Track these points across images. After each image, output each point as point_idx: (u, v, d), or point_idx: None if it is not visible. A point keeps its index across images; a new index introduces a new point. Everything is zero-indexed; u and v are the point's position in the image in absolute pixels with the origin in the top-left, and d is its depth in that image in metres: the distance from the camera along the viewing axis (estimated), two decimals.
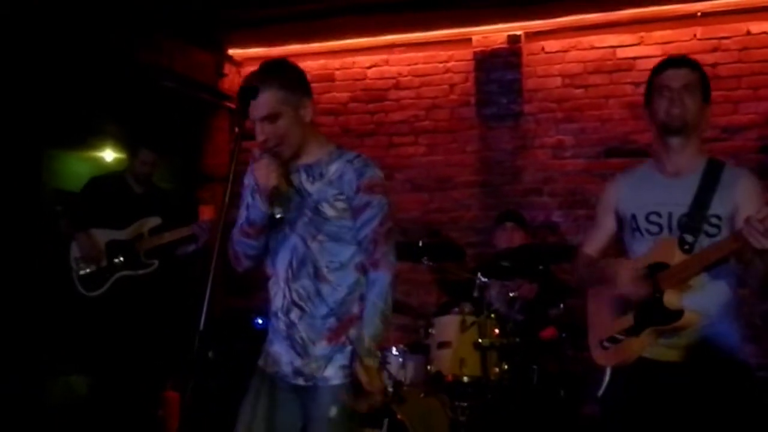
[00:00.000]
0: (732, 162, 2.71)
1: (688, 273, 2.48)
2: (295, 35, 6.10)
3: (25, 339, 4.90)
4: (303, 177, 2.60)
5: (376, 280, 2.52)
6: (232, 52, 6.39)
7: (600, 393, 2.71)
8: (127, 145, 5.11)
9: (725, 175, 2.59)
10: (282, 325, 2.58)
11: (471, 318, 4.21)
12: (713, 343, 2.54)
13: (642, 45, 5.57)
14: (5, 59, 4.66)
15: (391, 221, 2.59)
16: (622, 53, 5.63)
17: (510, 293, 4.54)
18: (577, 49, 5.74)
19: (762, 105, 5.32)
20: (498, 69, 5.81)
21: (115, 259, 4.63)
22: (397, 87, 6.18)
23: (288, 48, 6.19)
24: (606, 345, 2.70)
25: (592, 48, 5.71)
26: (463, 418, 4.07)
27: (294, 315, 2.55)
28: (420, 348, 4.37)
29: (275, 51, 6.17)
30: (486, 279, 4.38)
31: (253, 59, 6.13)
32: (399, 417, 3.80)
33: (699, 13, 5.35)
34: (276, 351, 2.61)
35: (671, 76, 2.63)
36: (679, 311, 2.48)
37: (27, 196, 5.13)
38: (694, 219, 2.56)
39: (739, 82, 5.36)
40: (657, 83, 2.66)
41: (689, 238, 2.54)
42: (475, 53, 5.90)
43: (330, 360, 2.52)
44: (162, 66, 5.71)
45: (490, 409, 4.12)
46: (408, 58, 6.15)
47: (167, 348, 4.64)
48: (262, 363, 2.67)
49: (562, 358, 4.51)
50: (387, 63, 6.21)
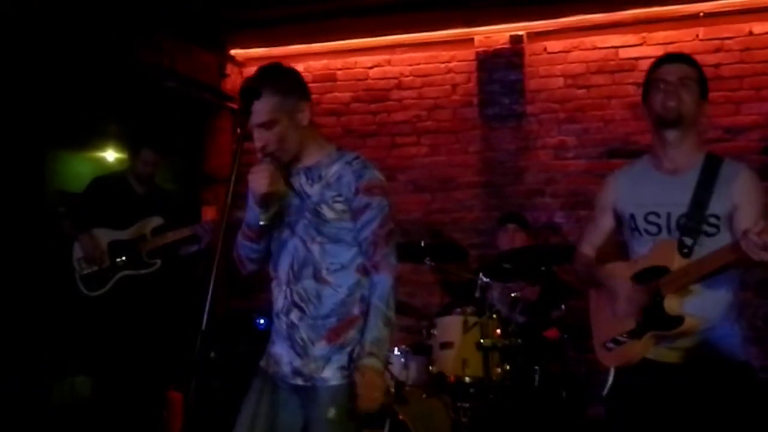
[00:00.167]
0: (731, 158, 2.69)
1: (687, 279, 2.48)
2: (298, 35, 6.10)
3: (28, 340, 4.90)
4: (303, 179, 2.60)
5: (377, 283, 2.51)
6: (234, 52, 6.38)
7: (604, 393, 2.71)
8: (129, 146, 5.11)
9: (724, 171, 2.57)
10: (283, 326, 2.59)
11: (473, 319, 4.21)
12: (715, 346, 2.53)
13: (645, 45, 5.56)
14: (7, 60, 4.67)
15: (392, 223, 2.57)
16: (624, 53, 5.62)
17: (512, 294, 4.54)
18: (580, 50, 5.74)
19: (764, 105, 5.31)
20: (500, 69, 5.81)
21: (117, 259, 4.63)
22: (400, 87, 6.18)
23: (290, 48, 6.20)
24: (609, 346, 2.70)
25: (594, 48, 5.70)
26: (465, 418, 4.07)
27: (294, 316, 2.56)
28: (422, 348, 4.37)
29: (277, 51, 6.17)
30: (488, 280, 4.38)
31: (256, 60, 6.13)
32: (401, 417, 3.80)
33: (701, 14, 5.35)
34: (277, 351, 2.62)
35: (667, 70, 2.63)
36: (680, 317, 2.48)
37: (30, 196, 5.13)
38: (692, 219, 2.54)
39: (742, 82, 5.36)
40: (653, 78, 2.66)
41: (688, 241, 2.53)
42: (478, 53, 5.89)
43: (329, 361, 2.52)
44: (164, 66, 5.71)
45: (492, 410, 4.13)
46: (410, 58, 6.15)
47: (169, 348, 4.64)
48: (263, 363, 2.67)
49: (564, 359, 4.51)
50: (389, 63, 6.21)
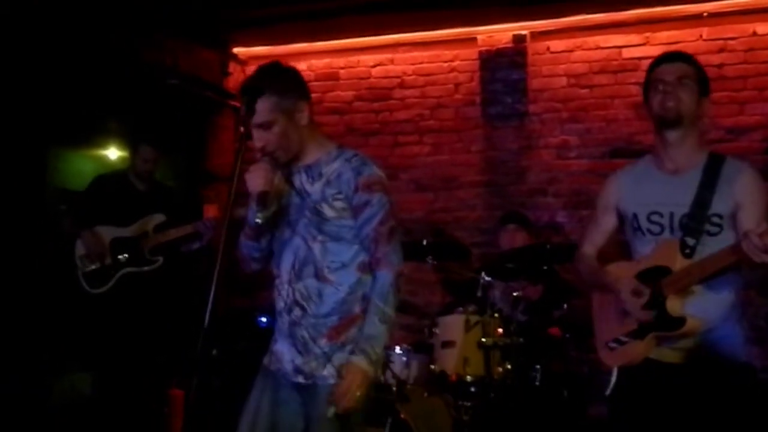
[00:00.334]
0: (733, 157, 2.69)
1: (689, 280, 2.48)
2: (300, 34, 6.10)
3: (30, 337, 4.90)
4: (303, 178, 2.60)
5: (377, 279, 2.51)
6: (236, 50, 6.39)
7: (607, 392, 2.71)
8: (128, 143, 5.11)
9: (726, 170, 2.57)
10: (285, 324, 2.59)
11: (475, 318, 4.21)
12: (716, 347, 2.53)
13: (648, 45, 5.55)
14: (9, 58, 4.67)
15: (394, 219, 2.55)
16: (627, 53, 5.62)
17: (514, 293, 4.54)
18: (583, 49, 5.73)
19: None
20: (503, 68, 5.81)
21: (120, 257, 4.63)
22: (402, 86, 6.18)
23: (293, 47, 6.20)
24: (612, 346, 2.70)
25: (597, 48, 5.70)
26: (467, 417, 4.07)
27: (296, 314, 2.56)
28: (424, 347, 4.38)
29: (280, 50, 6.17)
30: (490, 279, 4.37)
31: (258, 58, 6.12)
32: (402, 416, 3.80)
33: (705, 14, 5.34)
34: (279, 349, 2.62)
35: (665, 69, 2.63)
36: (683, 318, 2.48)
37: (31, 194, 5.13)
38: (695, 219, 2.54)
39: (745, 83, 5.35)
40: (652, 78, 2.66)
41: (691, 241, 2.53)
42: (481, 53, 5.89)
43: (329, 359, 2.51)
44: (166, 64, 5.72)
45: (493, 409, 4.12)
46: (413, 57, 6.15)
47: (171, 345, 4.64)
48: (266, 361, 2.67)
49: (565, 358, 4.51)
50: (392, 62, 6.20)
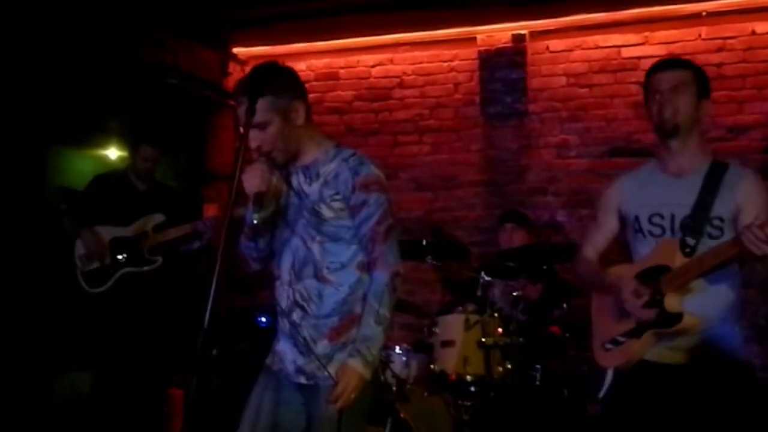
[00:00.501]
0: (737, 162, 2.70)
1: (688, 276, 2.49)
2: (300, 34, 6.10)
3: (29, 336, 4.90)
4: (301, 178, 2.59)
5: (373, 280, 2.50)
6: (236, 50, 6.39)
7: (601, 395, 2.72)
8: (128, 142, 5.11)
9: (728, 176, 2.59)
10: (286, 325, 2.59)
11: (475, 317, 4.21)
12: (714, 346, 2.54)
13: (647, 44, 5.56)
14: (10, 57, 4.67)
15: (391, 219, 2.53)
16: (626, 53, 5.62)
17: (514, 293, 4.54)
18: (582, 49, 5.73)
19: (767, 105, 5.31)
20: (502, 68, 5.81)
21: (119, 256, 4.63)
22: (402, 86, 6.18)
23: (292, 47, 6.20)
24: (608, 347, 2.70)
25: (596, 47, 5.70)
26: (467, 416, 4.07)
27: (296, 315, 2.55)
28: (424, 347, 4.38)
29: (279, 49, 6.18)
30: (490, 278, 4.38)
31: (258, 57, 6.12)
32: (402, 416, 3.80)
33: (704, 13, 5.35)
34: (281, 349, 2.62)
35: (660, 79, 2.65)
36: (679, 314, 2.49)
37: (31, 193, 5.13)
38: (696, 221, 2.56)
39: (744, 82, 5.36)
40: (649, 87, 2.69)
41: (691, 241, 2.54)
42: (480, 52, 5.90)
43: (331, 359, 2.51)
44: (167, 64, 5.72)
45: (493, 408, 4.13)
46: (412, 56, 6.15)
47: (171, 345, 4.64)
48: (269, 360, 2.67)
49: (565, 357, 4.51)
50: (391, 62, 6.21)
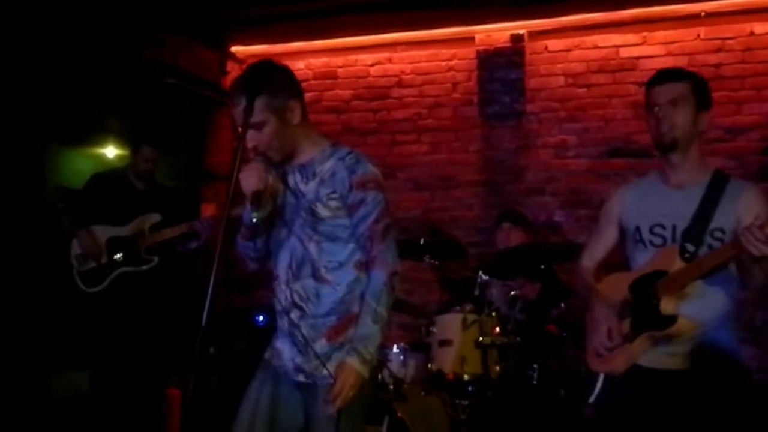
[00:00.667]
0: (736, 165, 2.71)
1: (685, 279, 2.49)
2: (298, 33, 6.10)
3: (26, 336, 4.90)
4: (297, 178, 2.59)
5: (371, 279, 2.50)
6: (235, 49, 6.39)
7: (591, 399, 2.72)
8: (129, 142, 5.11)
9: (730, 188, 2.61)
10: (285, 325, 2.59)
11: (472, 316, 4.21)
12: (709, 351, 2.55)
13: (645, 45, 5.56)
14: (8, 56, 4.67)
15: (389, 218, 2.54)
16: (625, 53, 5.62)
17: (511, 292, 4.54)
18: (581, 49, 5.74)
19: (765, 106, 5.30)
20: (501, 68, 5.81)
21: (116, 256, 4.63)
22: (400, 85, 6.18)
23: (291, 46, 6.21)
24: (601, 353, 2.70)
25: (595, 47, 5.70)
26: (464, 416, 4.07)
27: (295, 315, 2.56)
28: (421, 346, 4.38)
29: (278, 48, 6.18)
30: (487, 278, 4.38)
31: (256, 57, 6.11)
32: (399, 415, 3.79)
33: (703, 13, 5.35)
34: (280, 347, 2.63)
35: (658, 92, 2.65)
36: (674, 317, 2.49)
37: (29, 192, 5.12)
38: (696, 231, 2.57)
39: (743, 82, 5.36)
40: (647, 99, 2.69)
41: (691, 247, 2.56)
42: (478, 52, 5.89)
43: (329, 359, 2.51)
44: (165, 63, 5.72)
45: (490, 408, 4.13)
46: (411, 56, 6.15)
47: (168, 344, 4.64)
48: (267, 355, 2.68)
49: (562, 357, 4.51)
50: (390, 61, 6.21)
